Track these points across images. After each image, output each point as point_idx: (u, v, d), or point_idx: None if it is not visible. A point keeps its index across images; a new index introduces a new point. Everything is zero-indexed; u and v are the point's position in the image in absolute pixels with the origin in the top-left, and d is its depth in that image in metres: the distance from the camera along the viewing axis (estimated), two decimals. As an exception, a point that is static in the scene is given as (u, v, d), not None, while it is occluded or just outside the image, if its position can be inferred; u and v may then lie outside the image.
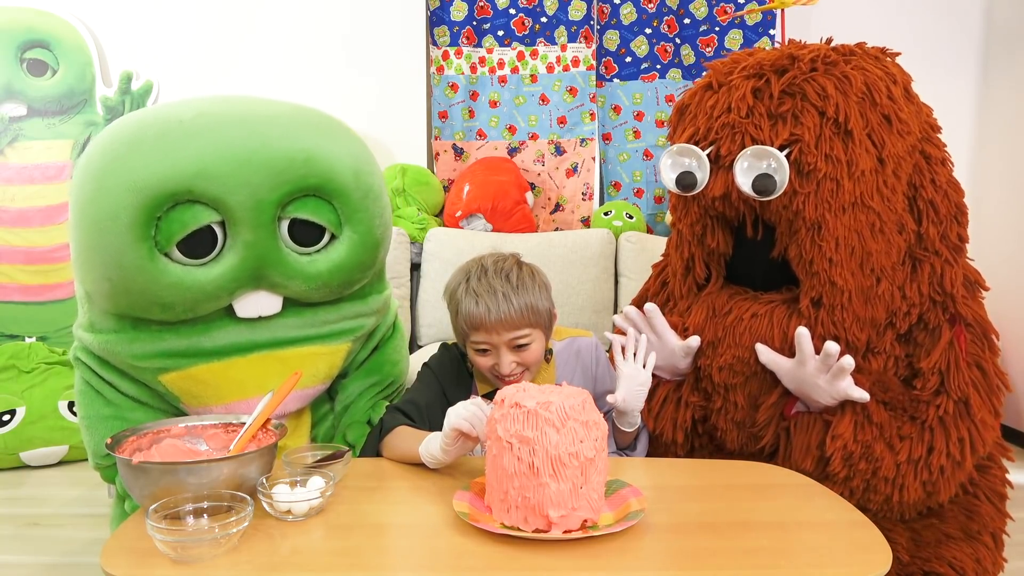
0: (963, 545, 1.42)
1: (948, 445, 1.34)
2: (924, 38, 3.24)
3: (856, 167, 1.33)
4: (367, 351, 1.65)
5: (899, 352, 1.43)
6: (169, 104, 1.47)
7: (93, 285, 1.38)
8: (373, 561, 0.97)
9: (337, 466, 1.17)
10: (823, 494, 1.19)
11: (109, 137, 1.38)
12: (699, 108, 1.45)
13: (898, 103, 1.36)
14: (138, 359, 1.41)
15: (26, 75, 2.98)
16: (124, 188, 1.29)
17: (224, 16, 3.20)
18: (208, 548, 0.94)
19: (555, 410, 1.01)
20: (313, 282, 1.42)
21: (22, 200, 2.92)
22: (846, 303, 1.36)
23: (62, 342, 2.90)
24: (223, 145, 1.33)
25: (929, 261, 1.42)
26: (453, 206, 3.08)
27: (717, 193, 1.41)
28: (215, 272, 1.35)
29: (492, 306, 1.31)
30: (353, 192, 1.43)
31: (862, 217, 1.35)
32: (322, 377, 1.52)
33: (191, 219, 1.32)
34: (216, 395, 1.43)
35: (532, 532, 1.00)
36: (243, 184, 1.32)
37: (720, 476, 1.28)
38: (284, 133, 1.39)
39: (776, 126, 1.35)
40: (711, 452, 1.56)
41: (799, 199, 1.34)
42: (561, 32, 3.21)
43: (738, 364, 1.43)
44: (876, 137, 1.34)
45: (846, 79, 1.34)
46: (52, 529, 2.21)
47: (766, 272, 1.47)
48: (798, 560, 0.96)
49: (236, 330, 1.43)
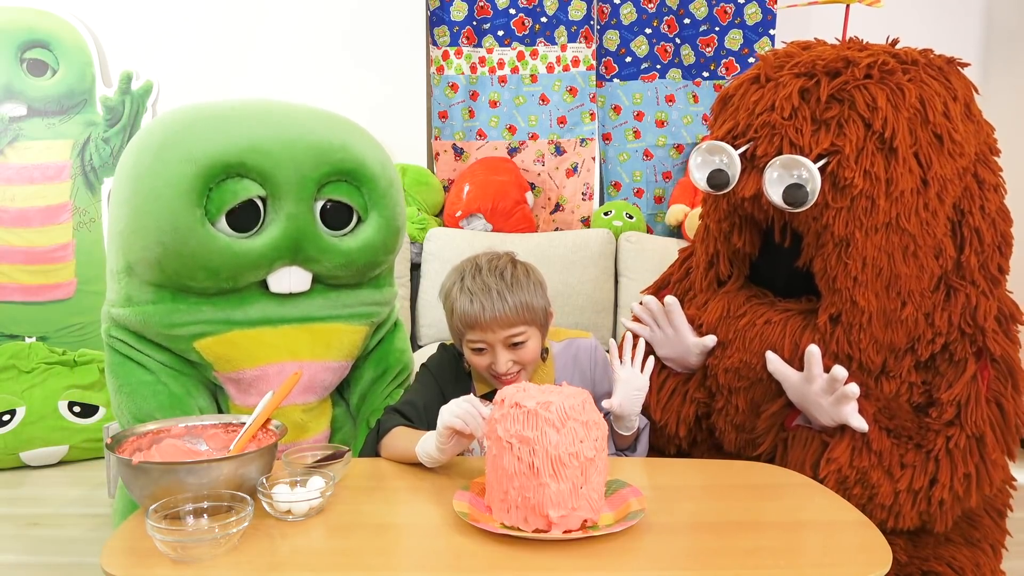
0: (963, 549, 1.40)
1: (953, 480, 1.28)
2: (924, 38, 3.24)
3: (895, 187, 1.25)
4: (373, 342, 1.74)
5: (915, 379, 1.37)
6: (214, 101, 1.62)
7: (142, 252, 1.48)
8: (373, 561, 0.97)
9: (337, 466, 1.17)
10: (823, 494, 1.19)
11: (165, 121, 1.54)
12: (742, 101, 1.38)
13: (954, 122, 1.27)
14: (175, 327, 1.51)
15: (26, 75, 2.98)
16: (182, 159, 1.43)
17: (224, 17, 3.19)
18: (208, 548, 0.94)
19: (555, 410, 1.01)
20: (343, 258, 1.56)
21: (22, 200, 2.92)
22: (865, 324, 1.31)
23: (62, 342, 2.90)
24: (273, 128, 1.50)
25: (965, 291, 1.34)
26: (453, 206, 3.08)
27: (748, 194, 1.34)
28: (259, 242, 1.48)
29: (487, 304, 1.30)
30: (380, 180, 1.59)
31: (895, 239, 1.27)
32: (347, 352, 1.64)
33: (241, 190, 1.46)
34: (249, 358, 1.53)
35: (532, 532, 1.00)
36: (290, 159, 1.47)
37: (720, 476, 1.28)
38: (324, 125, 1.57)
39: (818, 132, 1.27)
40: (710, 448, 1.56)
41: (830, 213, 1.27)
42: (561, 32, 3.21)
43: (744, 368, 1.40)
44: (923, 157, 1.26)
45: (900, 91, 1.26)
46: (52, 529, 2.21)
47: (789, 279, 1.42)
48: (798, 560, 0.96)
49: (268, 305, 1.55)
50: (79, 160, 2.99)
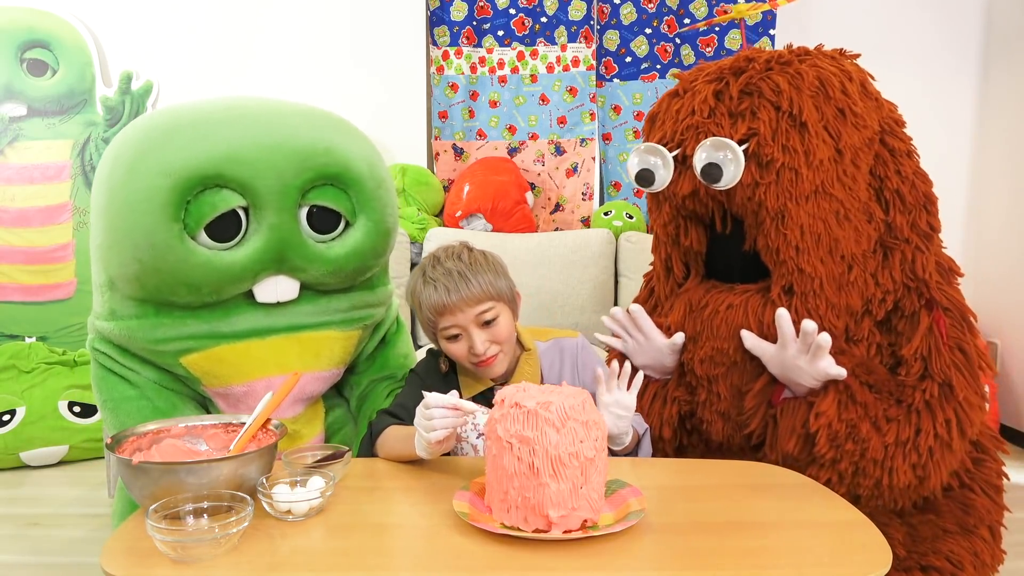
0: (960, 539, 1.43)
1: (935, 426, 1.35)
2: (924, 38, 3.24)
3: (814, 156, 1.38)
4: (374, 344, 1.71)
5: (880, 340, 1.46)
6: (194, 101, 1.54)
7: (121, 268, 1.42)
8: (373, 561, 0.97)
9: (337, 466, 1.17)
10: (823, 494, 1.19)
11: (142, 126, 1.46)
12: (667, 114, 1.53)
13: (852, 98, 1.40)
14: (160, 343, 1.46)
15: (26, 75, 2.99)
16: (157, 172, 1.36)
17: (224, 16, 3.20)
18: (208, 548, 0.94)
19: (555, 410, 1.01)
20: (330, 266, 1.49)
21: (22, 200, 2.92)
22: (817, 290, 1.40)
23: (62, 342, 2.90)
24: (252, 133, 1.42)
25: (900, 248, 1.45)
26: (453, 206, 3.08)
27: (686, 191, 1.47)
28: (241, 254, 1.42)
29: (451, 286, 1.33)
30: (368, 182, 1.51)
31: (825, 205, 1.39)
32: (337, 360, 1.59)
33: (220, 202, 1.38)
34: (237, 374, 1.49)
35: (532, 532, 1.00)
36: (270, 168, 1.40)
37: (719, 476, 1.28)
38: (307, 126, 1.48)
39: (736, 123, 1.41)
40: (700, 450, 1.58)
41: (760, 190, 1.39)
42: (561, 32, 3.21)
43: (718, 355, 1.47)
44: (832, 129, 1.39)
45: (799, 75, 1.40)
46: (52, 529, 2.21)
47: (743, 266, 1.50)
48: (798, 560, 0.96)
49: (255, 315, 1.49)
50: (79, 160, 2.99)
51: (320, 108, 1.60)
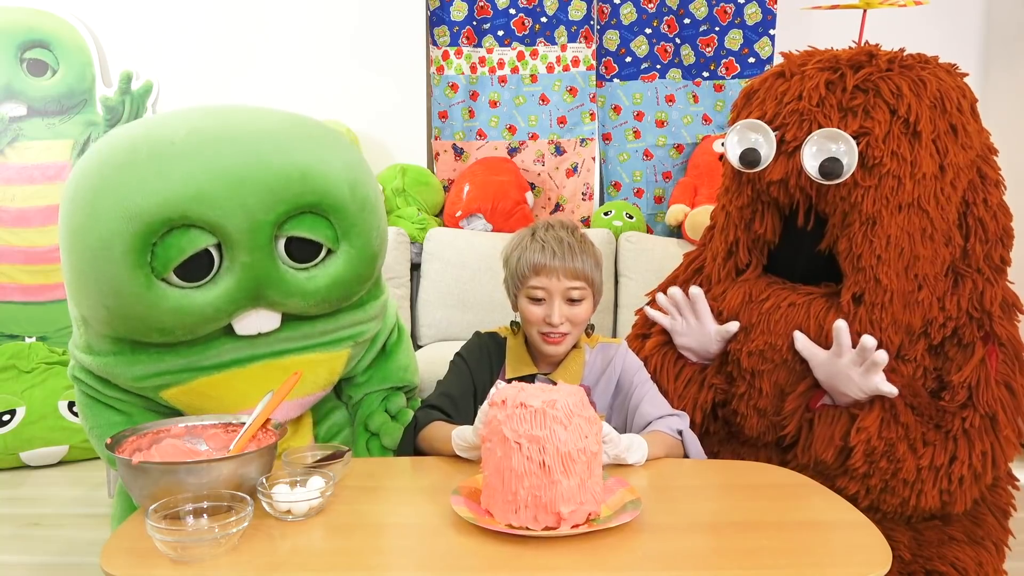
0: (966, 548, 1.43)
1: (971, 457, 1.34)
2: (924, 39, 3.24)
3: (919, 169, 1.33)
4: (372, 354, 1.65)
5: (928, 364, 1.43)
6: (159, 119, 1.42)
7: (89, 311, 1.35)
8: (373, 561, 0.97)
9: (337, 466, 1.17)
10: (823, 494, 1.19)
11: (98, 159, 1.32)
12: (768, 93, 1.45)
13: (965, 116, 1.37)
14: (138, 380, 1.40)
15: (26, 75, 2.98)
16: (117, 216, 1.24)
17: (224, 16, 3.19)
18: (208, 548, 0.94)
19: (561, 408, 1.02)
20: (312, 298, 1.39)
21: (22, 200, 2.92)
22: (887, 303, 1.37)
23: (62, 342, 2.90)
24: (217, 165, 1.28)
25: (971, 277, 1.43)
26: (453, 206, 3.08)
27: (775, 177, 1.41)
28: (213, 294, 1.32)
29: (558, 251, 1.36)
30: (350, 206, 1.39)
31: (916, 220, 1.36)
32: (322, 384, 1.51)
33: (188, 244, 1.27)
34: (219, 406, 1.41)
35: (542, 530, 1.00)
36: (239, 207, 1.27)
37: (720, 476, 1.28)
38: (278, 148, 1.35)
39: (846, 118, 1.35)
40: (724, 438, 1.57)
41: (859, 192, 1.35)
42: (561, 32, 3.21)
43: (769, 351, 1.44)
44: (941, 144, 1.35)
45: (921, 82, 1.35)
46: (52, 529, 2.21)
47: (807, 266, 1.48)
48: (798, 560, 0.96)
49: (235, 345, 1.41)
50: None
51: (299, 117, 1.48)
